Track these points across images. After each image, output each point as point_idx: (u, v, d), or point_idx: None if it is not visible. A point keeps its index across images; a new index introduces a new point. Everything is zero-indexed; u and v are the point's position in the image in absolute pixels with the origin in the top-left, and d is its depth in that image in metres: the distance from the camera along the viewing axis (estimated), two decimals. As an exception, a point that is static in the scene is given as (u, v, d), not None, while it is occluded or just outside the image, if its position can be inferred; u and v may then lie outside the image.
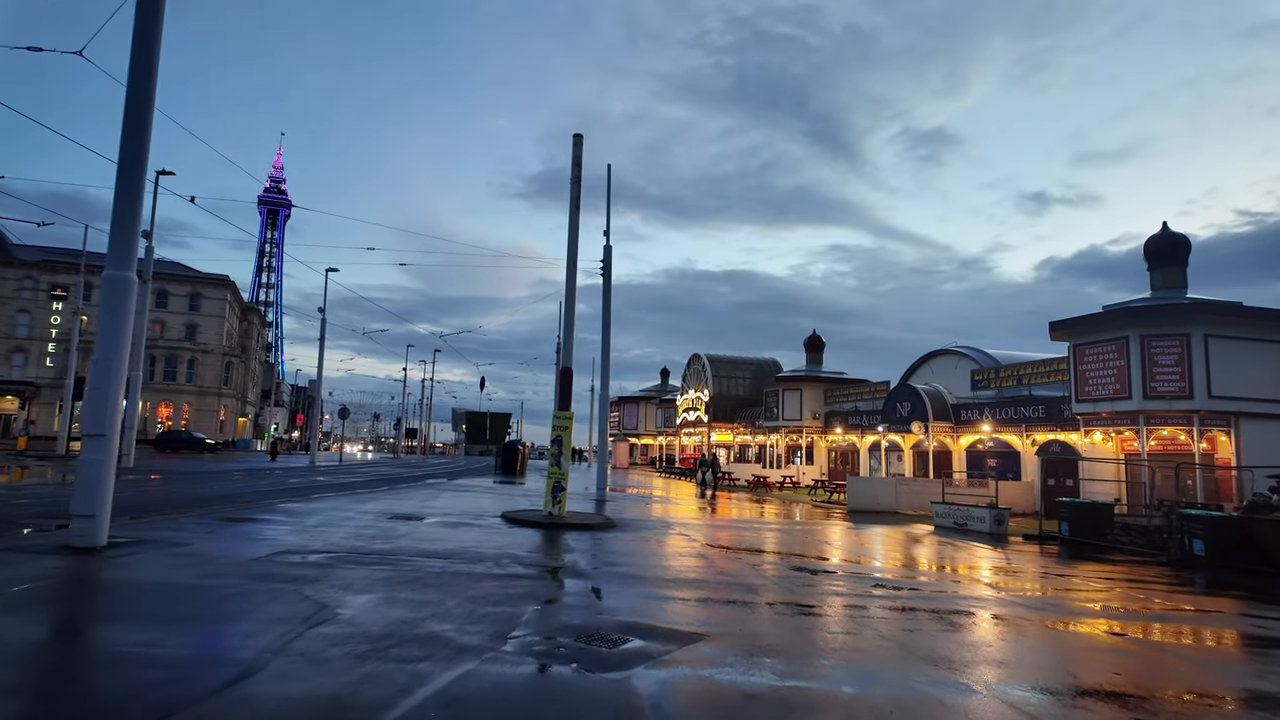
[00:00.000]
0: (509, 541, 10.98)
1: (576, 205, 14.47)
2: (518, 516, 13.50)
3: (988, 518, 18.52)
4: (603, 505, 19.26)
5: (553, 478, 13.83)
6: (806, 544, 13.54)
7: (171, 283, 66.39)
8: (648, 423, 67.78)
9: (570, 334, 14.22)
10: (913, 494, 24.84)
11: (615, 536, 12.49)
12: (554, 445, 13.93)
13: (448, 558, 9.10)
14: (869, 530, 17.31)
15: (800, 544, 13.48)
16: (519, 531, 12.27)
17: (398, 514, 13.66)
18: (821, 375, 40.18)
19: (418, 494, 19.11)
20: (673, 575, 9.15)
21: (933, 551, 13.82)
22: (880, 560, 12.21)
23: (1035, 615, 7.87)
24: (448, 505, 16.26)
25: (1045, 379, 26.20)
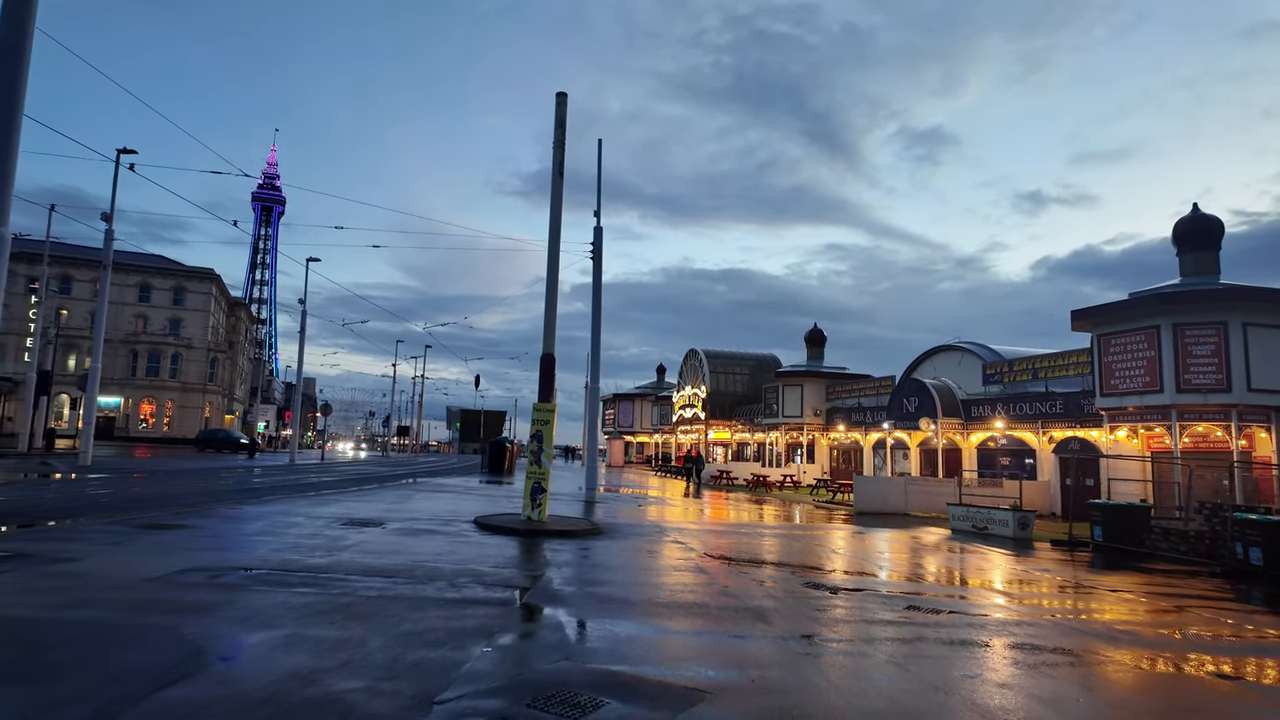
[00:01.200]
0: (474, 554, 9.40)
1: (560, 170, 12.91)
2: (492, 522, 11.94)
3: (1011, 521, 17.02)
4: (592, 507, 17.71)
5: (532, 478, 12.27)
6: (816, 552, 12.01)
7: (155, 276, 64.64)
8: (643, 420, 66.23)
9: (553, 314, 12.66)
10: (923, 495, 23.34)
11: (601, 546, 10.93)
12: (534, 441, 12.37)
13: (393, 576, 7.53)
14: (881, 535, 15.79)
15: (809, 552, 11.95)
16: (490, 540, 10.70)
17: (354, 519, 12.08)
18: (823, 370, 38.67)
19: (388, 495, 17.53)
20: (666, 597, 7.59)
21: (959, 561, 12.29)
22: (903, 573, 10.67)
23: (1116, 651, 6.34)
24: (417, 508, 14.69)
25: (1063, 372, 24.72)
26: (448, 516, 13.22)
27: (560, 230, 12.87)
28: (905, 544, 14.40)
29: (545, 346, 12.57)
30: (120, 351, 62.26)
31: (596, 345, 19.51)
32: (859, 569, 10.60)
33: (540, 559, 9.45)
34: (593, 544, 10.97)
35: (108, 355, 62.01)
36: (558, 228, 12.82)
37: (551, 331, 12.62)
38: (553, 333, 12.62)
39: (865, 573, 10.26)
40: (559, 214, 12.89)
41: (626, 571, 9.00)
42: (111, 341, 62.05)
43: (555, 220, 12.85)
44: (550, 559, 9.44)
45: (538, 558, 9.54)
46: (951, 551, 13.57)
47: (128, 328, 63.09)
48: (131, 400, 62.17)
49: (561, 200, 12.94)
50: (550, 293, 12.67)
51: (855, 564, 11.10)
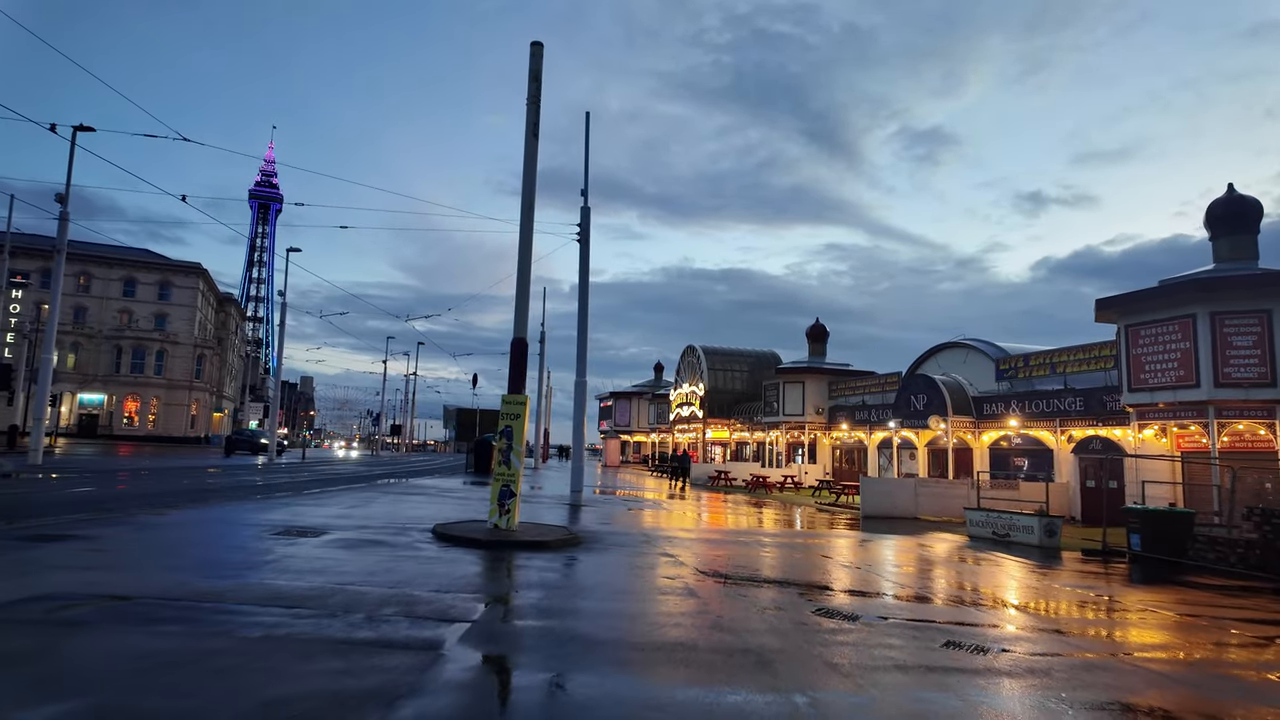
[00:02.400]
0: (418, 573, 7.84)
1: (534, 131, 11.35)
2: (452, 531, 10.38)
3: (1036, 528, 15.48)
4: (576, 512, 16.16)
5: (500, 480, 10.71)
6: (824, 566, 10.46)
7: (140, 270, 63.10)
8: (640, 419, 64.70)
9: (525, 292, 11.10)
10: (934, 498, 21.80)
11: (577, 560, 9.38)
12: (502, 438, 10.82)
13: (299, 606, 5.97)
14: (893, 544, 14.25)
15: (816, 566, 10.41)
16: (444, 555, 9.14)
17: (295, 527, 10.51)
18: (825, 367, 37.13)
19: (348, 499, 15.95)
20: (644, 634, 6.04)
21: (987, 577, 10.74)
22: (927, 592, 9.12)
23: (1248, 706, 4.79)
24: (374, 514, 13.13)
25: (1083, 367, 23.18)
26: (405, 524, 11.66)
27: (534, 198, 11.30)
28: (921, 554, 12.86)
29: (517, 330, 11.03)
30: (104, 347, 60.74)
31: (583, 335, 17.96)
32: (876, 587, 9.06)
33: (498, 579, 7.90)
34: (566, 558, 9.42)
35: (92, 351, 60.52)
36: (531, 194, 11.25)
37: (524, 313, 11.07)
38: (525, 314, 11.07)
39: (884, 593, 8.72)
40: (533, 179, 11.33)
41: (600, 596, 7.44)
42: (95, 337, 60.56)
43: (529, 186, 11.29)
44: (510, 579, 7.90)
45: (496, 577, 7.99)
46: (975, 564, 12.03)
47: (112, 323, 61.53)
48: (115, 397, 60.62)
49: (535, 164, 11.38)
50: (523, 267, 11.12)
51: (871, 581, 9.56)
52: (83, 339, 60.24)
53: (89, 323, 60.74)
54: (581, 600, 7.13)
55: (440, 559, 8.78)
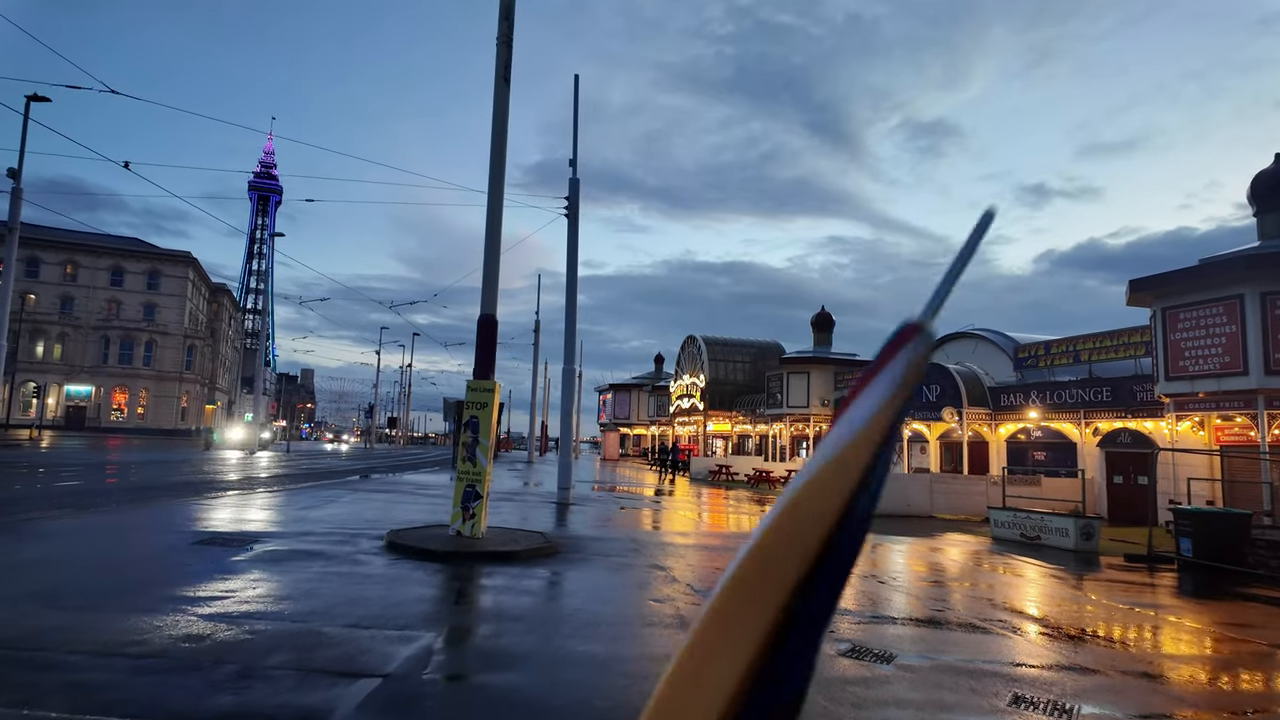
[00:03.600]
0: (345, 597, 6.35)
1: (505, 75, 9.79)
2: (407, 540, 8.88)
3: (1072, 530, 13.97)
4: (564, 512, 14.69)
5: (464, 479, 9.21)
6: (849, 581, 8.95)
7: (127, 259, 61.57)
8: (640, 412, 63.24)
9: (495, 259, 9.55)
10: (950, 495, 20.31)
11: (549, 578, 7.88)
12: (466, 430, 9.31)
13: (153, 656, 4.48)
14: (912, 548, 12.76)
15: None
16: (388, 571, 7.65)
17: (220, 536, 9.02)
18: (831, 357, 35.57)
19: (308, 498, 14.45)
20: (616, 695, 4.53)
21: (1033, 592, 9.24)
22: (970, 615, 7.61)
23: None
24: (328, 517, 11.64)
25: (1110, 354, 21.62)
26: (358, 529, 10.16)
27: (504, 153, 9.75)
28: (946, 562, 11.37)
29: (485, 304, 9.50)
30: (92, 338, 59.34)
31: (572, 318, 16.45)
32: (905, 609, 7.56)
33: (443, 606, 6.41)
34: (536, 574, 7.92)
35: (79, 342, 59.13)
36: (501, 148, 9.70)
37: (493, 284, 9.53)
38: (494, 286, 9.54)
39: (915, 617, 7.21)
40: (503, 130, 9.78)
41: (568, 632, 5.94)
42: (82, 327, 59.20)
43: (499, 139, 9.74)
44: (459, 606, 6.42)
45: (441, 603, 6.50)
46: (1011, 575, 10.52)
47: (99, 313, 60.07)
48: (103, 389, 59.26)
49: (506, 114, 9.83)
50: (492, 231, 9.57)
51: (897, 600, 8.07)
52: (70, 329, 58.85)
53: (76, 312, 59.33)
54: (542, 638, 5.63)
55: (380, 577, 7.29)
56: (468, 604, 6.46)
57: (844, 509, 0.61)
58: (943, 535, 15.29)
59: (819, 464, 0.62)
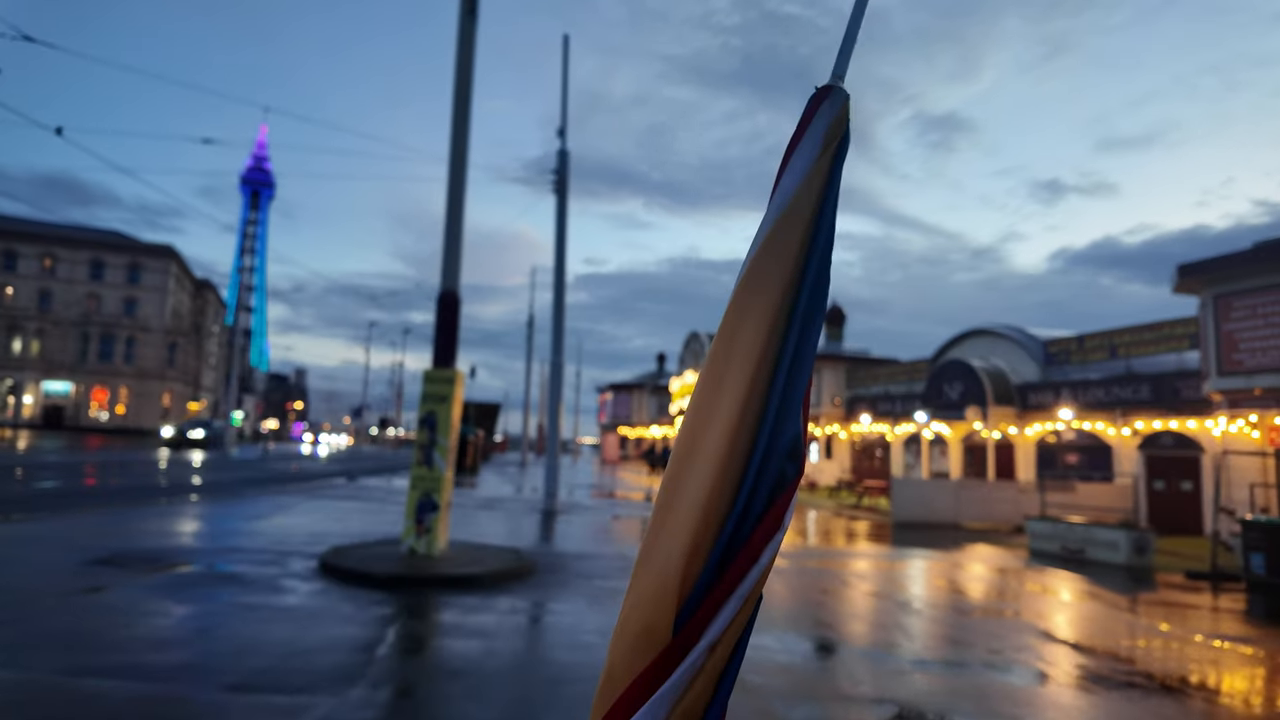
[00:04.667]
0: (242, 641, 4.60)
1: (471, 5, 8.03)
2: (347, 561, 7.08)
3: (1123, 544, 12.22)
4: (549, 522, 12.92)
5: (418, 488, 7.43)
6: (873, 612, 7.20)
7: (108, 252, 59.67)
8: (641, 412, 61.48)
9: (458, 225, 7.77)
10: (978, 502, 18.54)
11: (511, 610, 6.10)
12: (423, 429, 7.54)
13: None
14: (942, 564, 11.00)
15: (861, 613, 7.15)
16: (310, 602, 5.88)
17: (130, 553, 7.23)
18: (843, 354, 33.87)
19: (258, 506, 12.60)
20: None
21: (1094, 617, 7.46)
22: (1023, 650, 5.81)
23: None
24: (268, 529, 9.84)
25: (1150, 348, 19.89)
26: (297, 545, 8.36)
27: (469, 99, 7.99)
28: (983, 582, 9.60)
29: (445, 279, 7.72)
30: (71, 334, 57.44)
31: (560, 304, 14.71)
32: (950, 650, 5.77)
33: (362, 657, 4.62)
34: (497, 605, 6.14)
35: (57, 338, 57.26)
36: (466, 93, 7.93)
37: (455, 255, 7.76)
38: (458, 257, 7.76)
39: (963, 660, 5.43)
40: (468, 71, 8.01)
41: (521, 697, 4.15)
42: (61, 323, 57.32)
43: (463, 82, 7.97)
44: (383, 656, 4.63)
45: (361, 652, 4.71)
46: (1061, 597, 8.74)
47: (78, 308, 58.14)
48: (83, 387, 57.35)
49: (472, 54, 8.08)
50: (454, 190, 7.79)
51: (938, 635, 6.28)
52: (48, 325, 56.96)
53: (54, 308, 57.45)
54: (485, 705, 3.86)
55: (298, 611, 5.52)
56: (397, 652, 4.69)
57: (795, 277, 0.60)
58: (973, 548, 13.54)
59: (758, 240, 0.63)
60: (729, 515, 0.58)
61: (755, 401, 0.59)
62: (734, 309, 0.61)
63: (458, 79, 8.32)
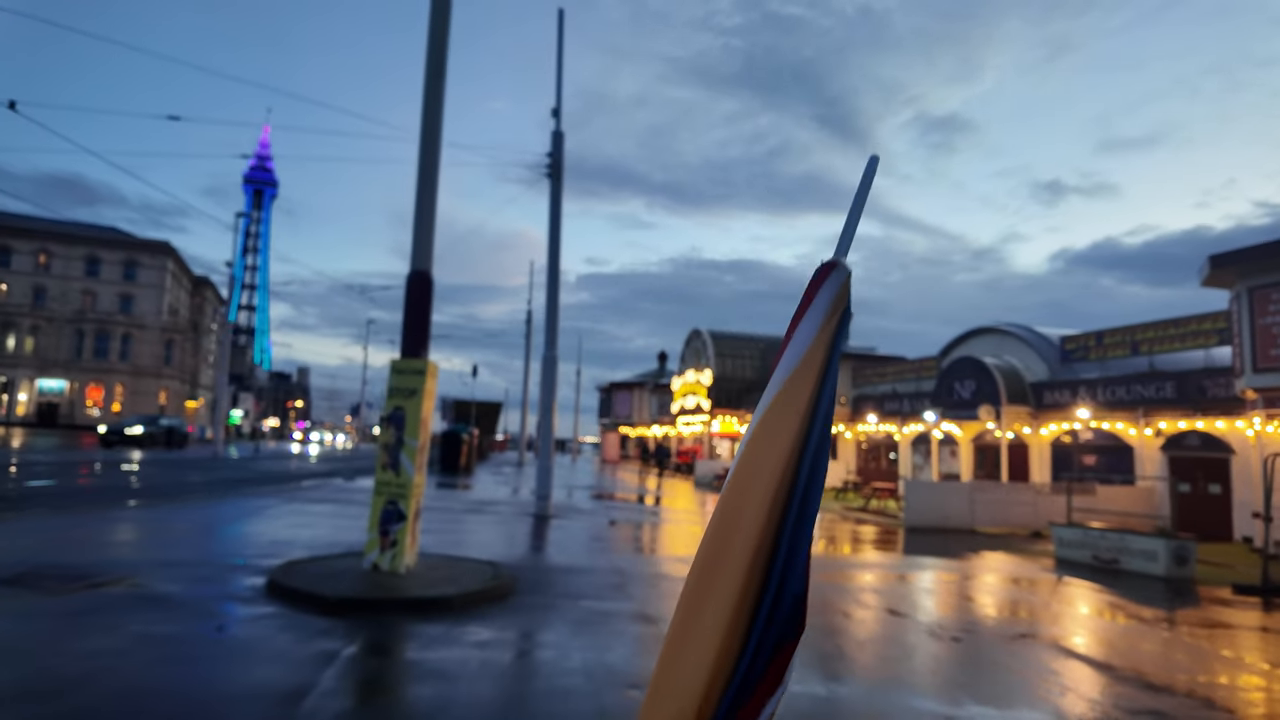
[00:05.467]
0: (132, 690, 3.71)
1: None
2: (295, 579, 6.21)
3: (1162, 554, 11.33)
4: (540, 528, 12.07)
5: (383, 494, 6.58)
6: (890, 631, 6.32)
7: (103, 248, 58.99)
8: (642, 411, 60.63)
9: (431, 192, 6.90)
10: (993, 505, 17.64)
11: (483, 644, 5.23)
12: (388, 428, 6.68)
13: None
14: (963, 575, 10.12)
15: (875, 630, 6.27)
16: (241, 632, 5.04)
17: (43, 569, 6.38)
18: (849, 351, 32.93)
19: (222, 510, 11.74)
20: None
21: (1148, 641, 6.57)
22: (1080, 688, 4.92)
23: None
24: (225, 537, 9.00)
25: (1175, 344, 18.96)
26: (252, 557, 7.51)
27: (444, 54, 7.12)
28: (1011, 597, 8.70)
29: (416, 258, 6.84)
30: (66, 331, 56.77)
31: (554, 295, 13.87)
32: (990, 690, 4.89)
33: (287, 711, 3.76)
34: (465, 637, 5.27)
35: (52, 335, 56.60)
36: (441, 45, 7.07)
37: (428, 229, 6.89)
38: (430, 230, 6.90)
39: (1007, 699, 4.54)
40: (444, 24, 7.15)
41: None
42: (56, 320, 56.66)
43: (437, 34, 7.11)
44: (317, 711, 3.76)
45: (287, 705, 3.85)
46: (1102, 615, 7.85)
47: (74, 304, 57.46)
48: (77, 384, 56.69)
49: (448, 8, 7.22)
50: (428, 152, 6.94)
51: (973, 667, 5.40)
52: (42, 321, 56.29)
53: (49, 304, 56.76)
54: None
55: (220, 646, 4.67)
56: (329, 704, 3.83)
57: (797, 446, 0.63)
58: (992, 556, 12.64)
59: (766, 400, 0.66)
60: (732, 676, 0.63)
61: (764, 552, 0.63)
62: (745, 461, 0.66)
63: (431, 38, 7.45)
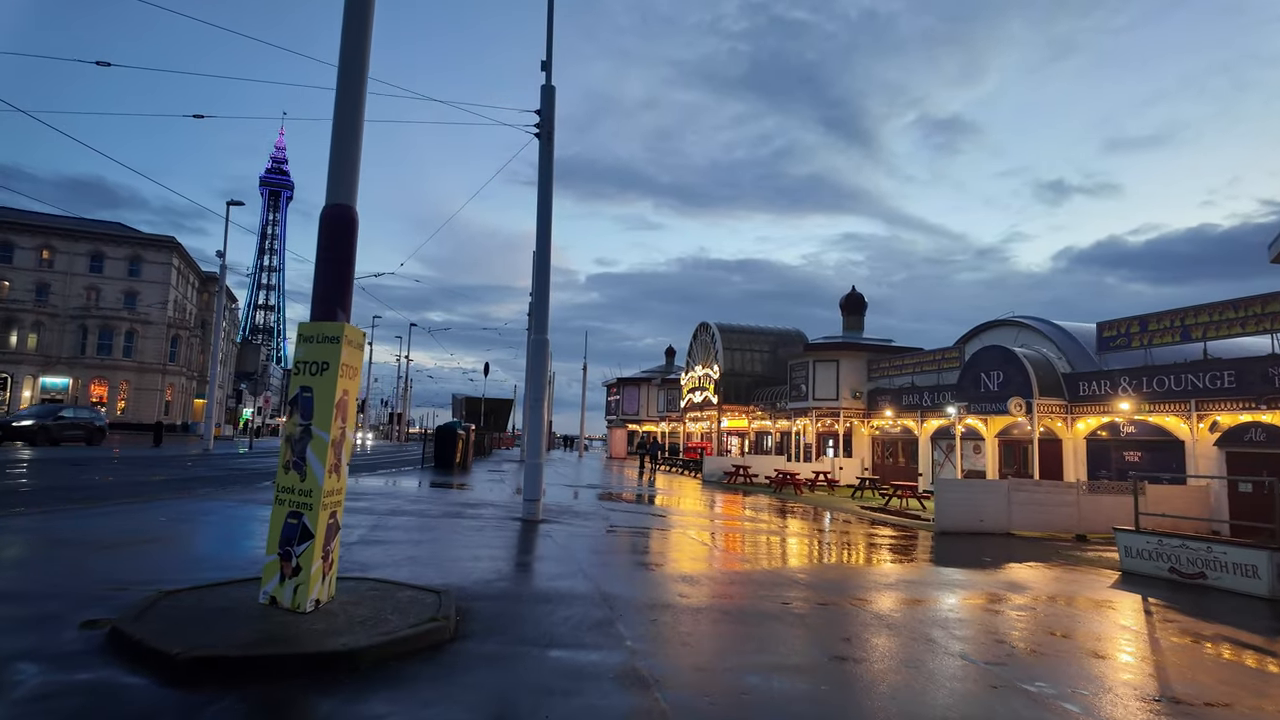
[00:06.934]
0: None
1: None
2: (151, 627, 4.75)
3: (1265, 568, 9.62)
4: (525, 537, 10.60)
5: (285, 504, 5.12)
6: (949, 686, 4.76)
7: (107, 243, 58.23)
8: (649, 407, 59.15)
9: (354, 109, 5.44)
10: (1032, 507, 15.96)
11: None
12: (293, 416, 5.21)
13: None
14: (1014, 592, 8.49)
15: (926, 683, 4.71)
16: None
17: None
18: (864, 343, 31.26)
19: (163, 511, 10.36)
20: None
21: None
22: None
23: None
24: (123, 554, 7.61)
25: (1233, 329, 17.18)
26: (128, 580, 6.09)
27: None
28: (1088, 626, 7.08)
29: (333, 191, 5.35)
30: (69, 327, 56.08)
31: (544, 268, 12.41)
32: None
33: None
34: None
35: (55, 331, 55.93)
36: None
37: (349, 161, 5.42)
38: (354, 163, 5.43)
39: None
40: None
41: None
42: (59, 316, 55.97)
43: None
44: None
45: None
46: (1220, 653, 6.24)
47: (77, 300, 56.76)
48: (81, 381, 55.98)
49: None
50: (349, 70, 5.49)
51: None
52: (45, 318, 55.62)
53: (52, 300, 56.09)
54: None
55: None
56: None
57: None
58: (1041, 566, 11.01)
59: None
60: None
61: None
62: None
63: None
